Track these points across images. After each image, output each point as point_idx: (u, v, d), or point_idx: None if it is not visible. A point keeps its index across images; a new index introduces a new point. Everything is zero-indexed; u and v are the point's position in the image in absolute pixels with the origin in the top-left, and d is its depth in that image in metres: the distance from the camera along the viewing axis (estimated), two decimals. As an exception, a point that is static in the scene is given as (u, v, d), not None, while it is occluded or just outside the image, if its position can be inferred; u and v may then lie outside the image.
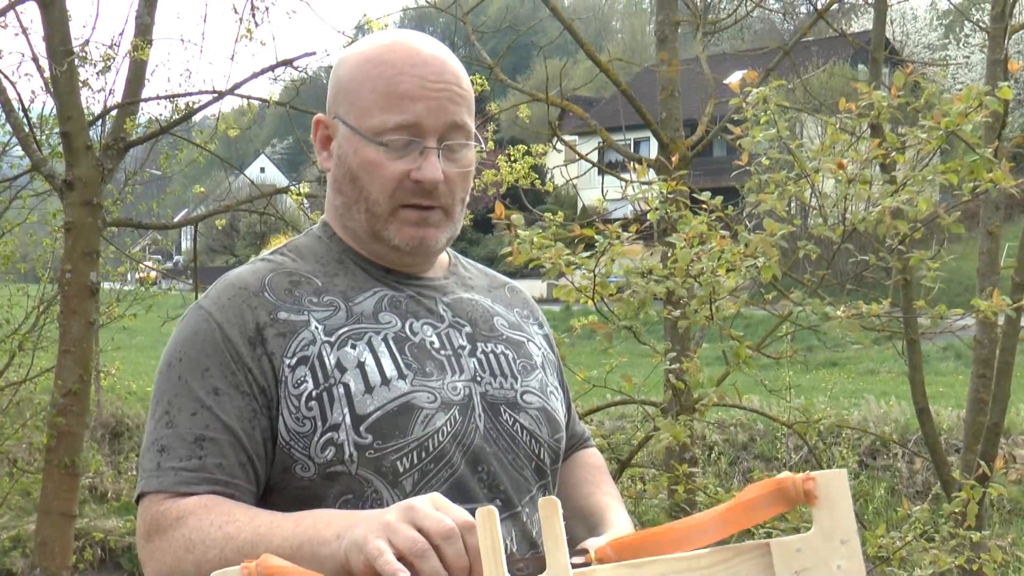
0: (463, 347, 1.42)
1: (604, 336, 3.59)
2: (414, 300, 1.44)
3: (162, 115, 7.20)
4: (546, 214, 3.91)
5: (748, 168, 3.86)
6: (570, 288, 3.65)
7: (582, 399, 4.61)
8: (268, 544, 1.18)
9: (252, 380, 1.31)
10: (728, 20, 7.67)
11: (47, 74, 6.63)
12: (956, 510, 3.80)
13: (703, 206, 3.74)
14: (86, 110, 6.87)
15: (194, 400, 1.30)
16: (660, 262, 3.73)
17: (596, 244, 3.52)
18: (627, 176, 5.61)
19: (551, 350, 1.59)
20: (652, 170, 5.94)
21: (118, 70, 7.22)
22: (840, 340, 3.93)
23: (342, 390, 1.31)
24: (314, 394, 1.31)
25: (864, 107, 3.57)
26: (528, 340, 1.53)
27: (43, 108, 7.52)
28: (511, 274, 2.10)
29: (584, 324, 3.93)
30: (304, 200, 7.64)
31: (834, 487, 1.05)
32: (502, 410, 1.40)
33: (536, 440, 1.43)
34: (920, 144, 3.51)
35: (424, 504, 1.13)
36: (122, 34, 7.00)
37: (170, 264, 25.43)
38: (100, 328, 8.82)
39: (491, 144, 7.91)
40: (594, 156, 7.84)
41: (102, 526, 11.34)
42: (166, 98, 7.12)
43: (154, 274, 11.82)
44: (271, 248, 1.52)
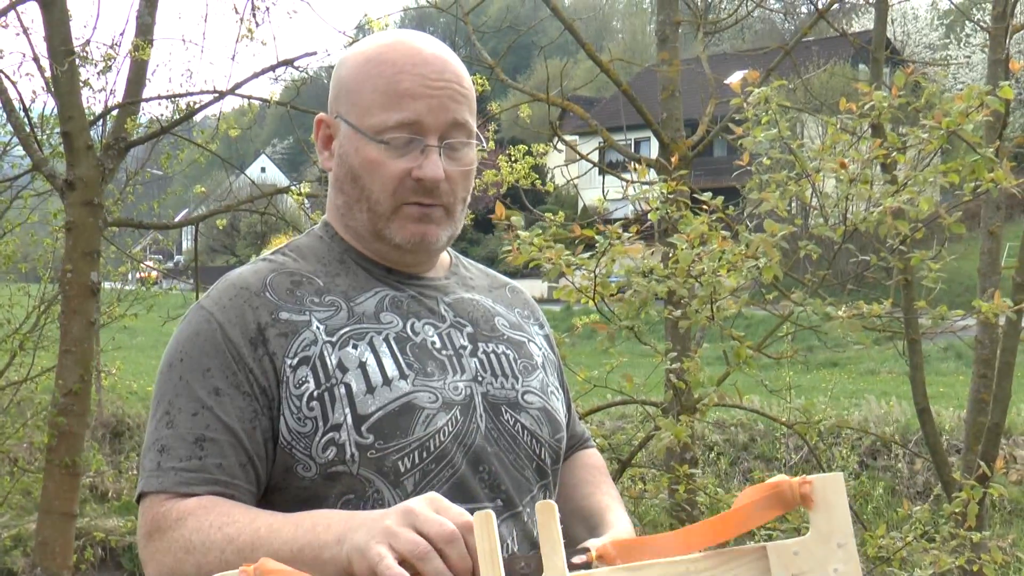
0: (464, 347, 1.42)
1: (606, 336, 3.59)
2: (415, 300, 1.43)
3: (163, 115, 7.20)
4: (546, 214, 3.91)
5: (749, 168, 3.85)
6: (570, 288, 3.65)
7: (583, 399, 4.61)
8: (268, 547, 1.18)
9: (253, 380, 1.31)
10: (729, 20, 7.66)
11: (48, 74, 6.62)
12: (956, 510, 3.80)
13: (704, 206, 3.73)
14: (87, 110, 6.86)
15: (195, 400, 1.30)
16: (661, 262, 3.72)
17: (596, 244, 3.51)
18: (628, 176, 5.62)
19: (551, 350, 1.59)
20: (653, 170, 5.94)
21: (119, 70, 7.22)
22: (841, 340, 3.92)
23: (344, 390, 1.31)
24: (315, 394, 1.31)
25: (865, 107, 3.56)
26: (529, 340, 1.53)
27: (44, 108, 7.52)
28: (511, 274, 2.11)
29: (585, 323, 3.93)
30: (305, 200, 7.63)
31: (831, 490, 1.05)
32: (503, 410, 1.40)
33: (537, 440, 1.43)
34: (921, 144, 3.51)
35: (423, 507, 1.13)
36: (123, 34, 7.00)
37: (171, 264, 25.43)
38: (101, 328, 8.82)
39: (492, 144, 7.90)
40: (595, 156, 7.84)
41: (103, 526, 11.33)
42: (167, 98, 7.11)
43: (155, 274, 11.81)
44: (272, 248, 1.52)
